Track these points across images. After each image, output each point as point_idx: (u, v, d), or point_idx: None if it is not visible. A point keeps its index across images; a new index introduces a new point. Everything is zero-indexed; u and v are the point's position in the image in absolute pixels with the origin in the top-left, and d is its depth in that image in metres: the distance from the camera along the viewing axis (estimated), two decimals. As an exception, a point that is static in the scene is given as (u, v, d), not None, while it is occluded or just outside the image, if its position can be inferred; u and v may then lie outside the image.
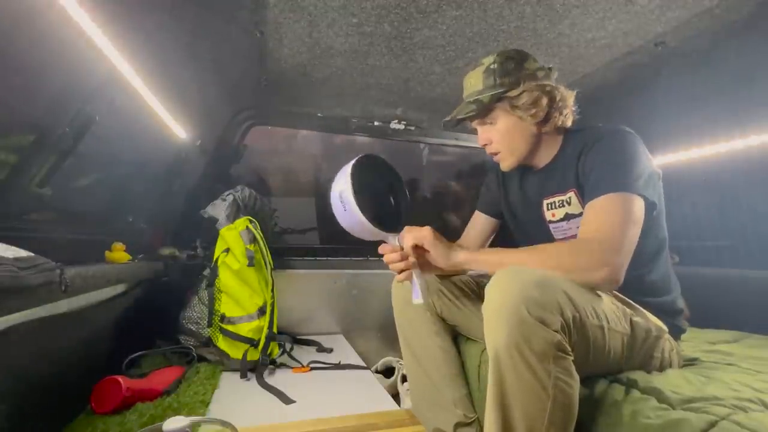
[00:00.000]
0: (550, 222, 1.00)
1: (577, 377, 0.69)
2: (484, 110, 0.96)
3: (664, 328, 0.89)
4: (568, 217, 0.96)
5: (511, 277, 0.69)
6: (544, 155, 1.00)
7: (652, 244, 0.92)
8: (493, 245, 1.21)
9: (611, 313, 0.79)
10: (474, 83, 0.98)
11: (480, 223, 1.20)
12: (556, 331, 0.65)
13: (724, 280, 1.47)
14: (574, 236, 0.95)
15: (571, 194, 0.94)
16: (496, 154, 1.01)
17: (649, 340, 0.85)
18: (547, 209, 1.00)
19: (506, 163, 1.01)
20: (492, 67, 0.95)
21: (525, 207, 1.07)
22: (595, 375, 0.84)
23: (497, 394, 0.68)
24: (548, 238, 1.01)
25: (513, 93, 0.93)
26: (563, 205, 0.96)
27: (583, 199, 0.90)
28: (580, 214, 0.92)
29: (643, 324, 0.84)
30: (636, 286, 0.89)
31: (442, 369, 1.04)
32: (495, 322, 0.68)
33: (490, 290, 0.70)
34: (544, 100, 0.92)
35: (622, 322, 0.81)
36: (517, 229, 1.13)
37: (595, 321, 0.74)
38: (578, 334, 0.70)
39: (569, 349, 0.68)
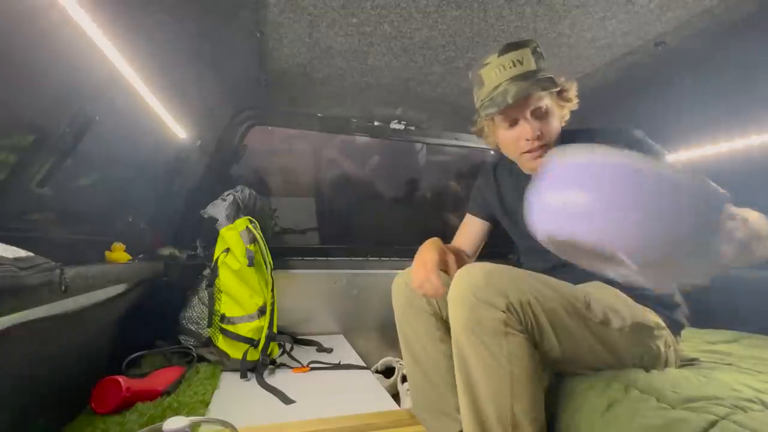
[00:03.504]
0: None
1: (535, 355, 0.77)
2: (546, 92, 0.88)
3: (661, 322, 0.89)
4: None
5: (463, 273, 0.80)
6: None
7: None
8: (484, 248, 1.21)
9: (572, 298, 0.81)
10: (525, 64, 0.88)
11: (473, 226, 1.18)
12: (503, 311, 0.73)
13: (724, 280, 1.46)
14: None
15: None
16: (540, 147, 0.92)
17: (642, 332, 0.85)
18: None
19: (541, 161, 0.94)
20: (539, 50, 0.90)
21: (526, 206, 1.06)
22: (590, 369, 0.85)
23: (463, 374, 0.77)
24: None
25: (565, 82, 0.90)
26: None
27: None
28: None
29: (630, 313, 0.85)
30: None
31: (446, 376, 0.99)
32: (452, 309, 0.79)
33: (450, 286, 0.81)
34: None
35: (592, 309, 0.82)
36: (516, 232, 1.11)
37: (548, 303, 0.78)
38: (526, 314, 0.76)
39: (521, 327, 0.75)
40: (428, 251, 0.92)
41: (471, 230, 1.19)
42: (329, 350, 1.59)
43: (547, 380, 0.88)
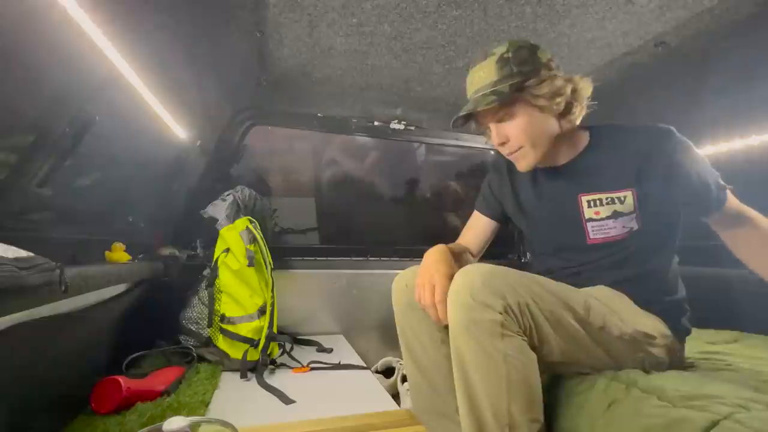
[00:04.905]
0: (591, 220, 0.95)
1: (532, 357, 0.77)
2: (504, 102, 0.88)
3: (666, 331, 0.89)
4: (616, 215, 0.92)
5: (461, 274, 0.80)
6: (567, 152, 0.96)
7: (677, 236, 0.96)
8: (491, 247, 1.20)
9: (571, 302, 0.82)
10: (486, 75, 0.89)
11: (481, 225, 1.17)
12: (500, 313, 0.74)
13: (724, 280, 1.47)
14: (617, 235, 0.93)
15: (628, 194, 0.91)
16: (514, 152, 0.93)
17: (643, 340, 0.85)
18: (588, 206, 0.95)
19: (526, 162, 0.94)
20: (506, 55, 0.88)
21: (548, 205, 1.03)
22: (591, 370, 0.85)
23: (461, 373, 0.78)
24: (580, 235, 0.96)
25: (533, 82, 0.87)
26: (612, 203, 0.92)
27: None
28: (630, 213, 0.91)
29: (632, 321, 0.85)
30: (658, 277, 0.93)
31: (447, 377, 0.96)
32: (450, 309, 0.79)
33: (451, 285, 0.81)
34: (568, 89, 0.89)
35: (591, 314, 0.82)
36: (534, 229, 1.09)
37: (547, 306, 0.79)
38: (524, 317, 0.76)
39: (518, 329, 0.76)
40: (439, 273, 0.87)
41: (479, 229, 1.17)
42: (329, 350, 1.59)
43: (545, 381, 0.88)
